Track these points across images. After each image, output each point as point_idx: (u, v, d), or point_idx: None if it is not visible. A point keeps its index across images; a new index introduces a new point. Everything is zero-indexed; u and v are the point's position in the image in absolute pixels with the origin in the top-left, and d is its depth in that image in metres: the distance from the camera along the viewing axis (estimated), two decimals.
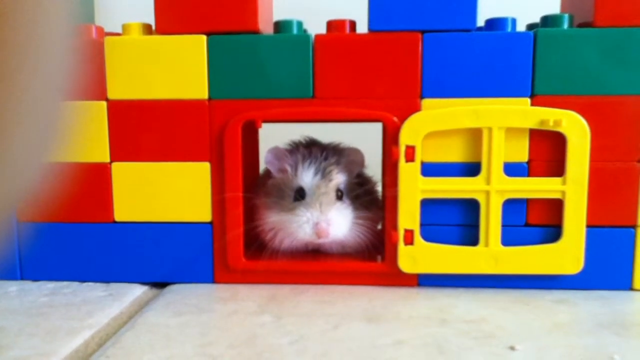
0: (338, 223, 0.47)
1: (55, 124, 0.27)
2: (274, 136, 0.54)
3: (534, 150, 0.46)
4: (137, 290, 0.48)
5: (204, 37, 0.46)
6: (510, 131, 0.45)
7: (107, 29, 0.50)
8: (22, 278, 0.50)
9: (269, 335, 0.39)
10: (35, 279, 0.50)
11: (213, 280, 0.49)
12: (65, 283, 0.49)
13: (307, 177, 0.48)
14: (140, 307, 0.44)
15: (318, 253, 0.50)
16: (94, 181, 0.48)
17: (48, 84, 0.23)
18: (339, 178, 0.49)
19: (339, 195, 0.48)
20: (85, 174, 0.48)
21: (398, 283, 0.47)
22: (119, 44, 0.47)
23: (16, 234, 0.49)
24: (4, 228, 0.43)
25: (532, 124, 0.45)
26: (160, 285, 0.49)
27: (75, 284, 0.49)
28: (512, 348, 0.36)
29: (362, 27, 0.47)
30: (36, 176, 0.25)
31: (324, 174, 0.48)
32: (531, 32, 0.45)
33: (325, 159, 0.50)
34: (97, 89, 0.47)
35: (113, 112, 0.48)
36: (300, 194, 0.48)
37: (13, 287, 0.48)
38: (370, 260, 0.48)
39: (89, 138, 0.48)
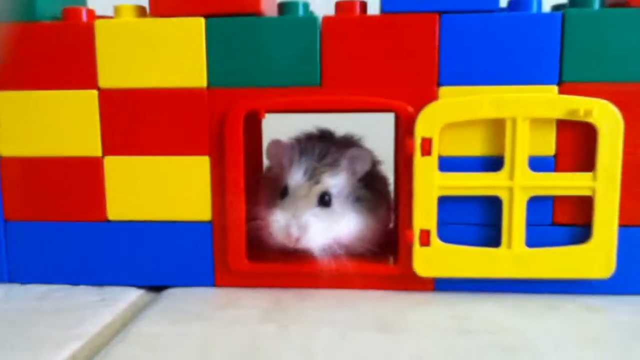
0: (313, 231, 0.43)
1: None
2: (280, 127, 0.51)
3: (562, 142, 0.42)
4: (132, 295, 0.44)
5: (202, 20, 0.43)
6: (536, 122, 0.41)
7: (99, 12, 0.46)
8: (10, 280, 0.47)
9: (273, 346, 0.35)
10: (24, 281, 0.47)
11: (214, 283, 0.45)
12: (56, 286, 0.46)
13: (296, 175, 0.45)
14: (134, 314, 0.41)
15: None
16: (85, 176, 0.45)
17: None
18: (328, 182, 0.44)
19: (326, 200, 0.44)
20: (76, 168, 0.45)
21: (412, 287, 0.44)
22: (111, 28, 0.43)
23: (3, 233, 0.46)
24: None
25: (560, 114, 0.41)
26: (157, 289, 0.46)
27: (66, 288, 0.46)
28: None
29: (374, 9, 0.44)
30: None
31: (312, 175, 0.44)
32: (559, 13, 0.41)
33: (323, 157, 0.46)
34: (87, 76, 0.44)
35: (105, 101, 0.44)
36: (283, 193, 0.45)
37: None
38: (382, 262, 0.45)
39: (79, 130, 0.44)
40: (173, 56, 0.43)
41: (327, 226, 0.43)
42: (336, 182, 0.45)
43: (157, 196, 0.45)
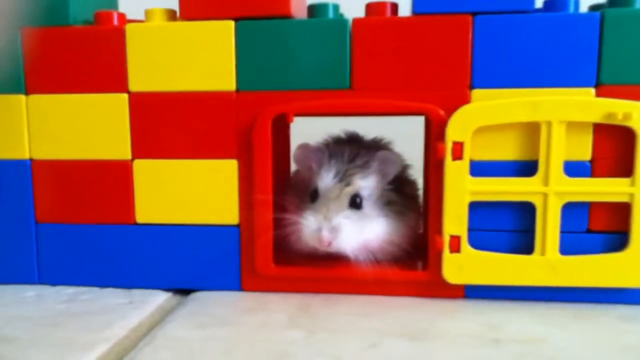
0: (346, 233, 0.42)
1: None
2: (308, 130, 0.50)
3: (599, 147, 0.41)
4: (160, 298, 0.44)
5: (232, 23, 0.42)
6: (572, 126, 0.40)
7: (130, 16, 0.46)
8: (40, 282, 0.47)
9: (300, 353, 0.35)
10: (54, 283, 0.47)
11: (240, 287, 0.45)
12: (84, 288, 0.46)
13: (326, 178, 0.44)
14: (161, 317, 0.41)
15: (349, 259, 0.45)
16: (114, 180, 0.45)
17: None
18: (359, 183, 0.44)
19: (357, 203, 0.44)
20: (106, 172, 0.45)
21: (442, 294, 0.43)
22: (141, 32, 0.44)
23: (34, 235, 0.46)
24: None
25: (598, 117, 0.40)
26: (184, 292, 0.46)
27: (95, 290, 0.46)
28: None
29: (405, 10, 0.43)
30: None
31: (343, 177, 0.44)
32: (597, 13, 0.40)
33: (352, 160, 0.45)
34: (117, 80, 0.44)
35: (135, 105, 0.44)
36: (313, 196, 0.44)
37: (30, 292, 0.46)
38: (411, 268, 0.44)
39: (109, 133, 0.45)
40: (203, 59, 0.43)
41: (358, 228, 0.43)
42: (367, 184, 0.44)
43: (186, 200, 0.45)
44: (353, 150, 0.46)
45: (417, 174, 0.50)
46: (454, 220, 0.41)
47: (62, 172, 0.46)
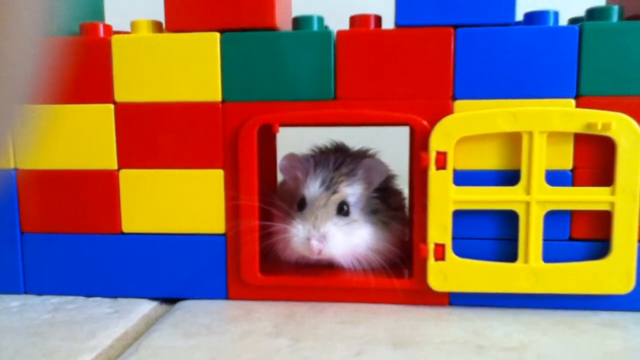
0: (335, 240, 0.43)
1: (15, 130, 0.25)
2: (295, 141, 0.51)
3: (580, 156, 0.41)
4: (146, 307, 0.44)
5: (217, 35, 0.43)
6: (553, 136, 0.41)
7: (116, 28, 0.47)
8: (26, 292, 0.47)
9: None
10: (40, 292, 0.47)
11: (226, 296, 0.45)
12: (70, 298, 0.46)
13: (313, 187, 0.45)
14: (147, 326, 0.41)
15: (335, 267, 0.46)
16: (100, 189, 0.45)
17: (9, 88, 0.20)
18: (346, 191, 0.45)
19: (344, 210, 0.44)
20: (92, 181, 0.45)
21: (427, 302, 0.43)
22: (127, 43, 0.44)
23: (20, 245, 0.46)
24: None
25: (578, 127, 0.40)
26: (170, 301, 0.46)
27: (80, 299, 0.46)
28: None
29: (389, 23, 0.44)
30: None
31: (330, 185, 0.44)
32: (576, 26, 0.41)
33: (337, 168, 0.46)
34: (103, 90, 0.44)
35: (121, 115, 0.44)
36: (301, 205, 0.45)
37: (15, 302, 0.46)
38: (397, 276, 0.44)
39: (95, 143, 0.45)
40: (188, 71, 0.43)
41: (347, 235, 0.44)
42: (353, 190, 0.45)
43: (172, 209, 0.45)
44: (338, 159, 0.46)
45: (402, 183, 0.51)
46: (439, 228, 0.42)
47: (48, 182, 0.46)
